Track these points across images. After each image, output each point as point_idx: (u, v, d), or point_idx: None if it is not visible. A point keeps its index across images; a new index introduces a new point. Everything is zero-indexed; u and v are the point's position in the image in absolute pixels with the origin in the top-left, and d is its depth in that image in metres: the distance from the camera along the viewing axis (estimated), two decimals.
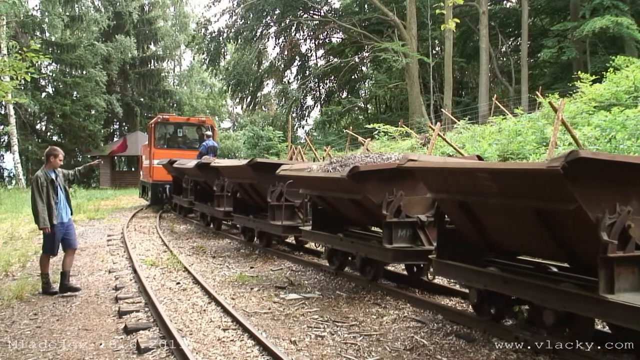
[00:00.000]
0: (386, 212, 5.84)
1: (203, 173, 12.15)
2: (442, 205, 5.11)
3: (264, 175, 8.72)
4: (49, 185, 6.57)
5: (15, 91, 24.55)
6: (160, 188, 17.55)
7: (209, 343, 4.76)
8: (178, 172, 14.67)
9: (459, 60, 30.70)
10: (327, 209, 7.47)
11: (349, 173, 5.83)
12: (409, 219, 5.98)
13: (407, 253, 5.96)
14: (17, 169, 29.01)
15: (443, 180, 4.82)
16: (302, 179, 7.29)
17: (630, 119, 9.42)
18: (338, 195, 6.60)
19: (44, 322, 5.63)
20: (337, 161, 6.82)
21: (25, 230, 13.03)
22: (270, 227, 8.93)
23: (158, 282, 7.37)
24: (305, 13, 35.13)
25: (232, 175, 10.30)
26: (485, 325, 4.97)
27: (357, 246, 6.63)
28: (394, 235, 5.92)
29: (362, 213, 6.63)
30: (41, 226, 6.54)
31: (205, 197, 13.00)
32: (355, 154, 7.02)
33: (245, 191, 10.14)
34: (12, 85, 14.00)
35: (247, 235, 10.62)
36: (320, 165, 7.21)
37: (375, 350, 4.62)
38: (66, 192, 6.87)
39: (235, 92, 39.35)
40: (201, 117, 20.46)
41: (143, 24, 40.54)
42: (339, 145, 25.28)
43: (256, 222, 9.71)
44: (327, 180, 6.52)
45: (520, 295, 4.44)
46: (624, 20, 20.16)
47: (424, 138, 16.60)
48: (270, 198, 8.65)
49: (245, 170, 9.11)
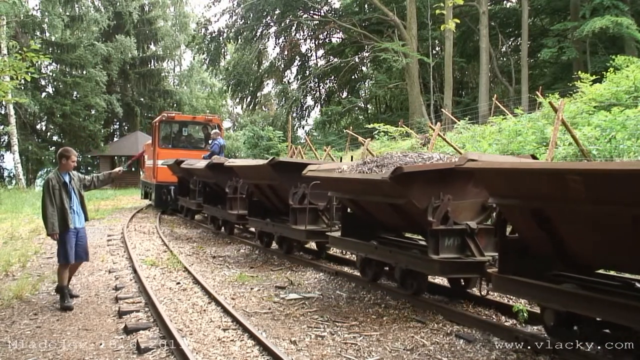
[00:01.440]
0: (432, 218, 5.27)
1: (214, 174, 11.51)
2: (507, 212, 4.50)
3: (286, 175, 8.14)
4: (62, 189, 6.12)
5: (16, 91, 24.57)
6: (164, 189, 16.78)
7: (209, 343, 4.76)
8: (185, 173, 14.01)
9: (459, 60, 30.70)
10: (358, 213, 6.87)
11: (392, 175, 5.20)
12: (458, 226, 5.36)
13: (456, 265, 5.32)
14: (17, 169, 29.00)
15: (513, 184, 4.20)
16: (333, 180, 6.67)
17: (630, 119, 9.41)
18: (375, 199, 6.00)
19: (44, 322, 5.63)
20: (371, 161, 6.25)
21: (25, 230, 13.03)
22: (291, 232, 8.30)
23: (158, 282, 7.37)
24: (305, 13, 35.12)
25: (249, 175, 9.64)
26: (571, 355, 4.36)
27: (396, 256, 5.98)
28: (441, 244, 5.31)
29: (402, 219, 6.04)
30: (49, 232, 6.07)
31: (215, 200, 12.39)
32: (390, 153, 6.36)
33: (262, 193, 9.51)
34: (12, 85, 14.00)
35: (264, 241, 9.94)
36: (351, 165, 6.56)
37: (375, 350, 4.62)
38: (81, 197, 6.38)
39: (235, 92, 39.37)
40: (208, 116, 19.59)
41: (143, 24, 40.54)
42: (339, 145, 25.27)
43: (275, 226, 9.03)
44: (364, 183, 5.89)
45: (616, 319, 3.78)
46: (624, 20, 20.15)
47: (424, 138, 16.60)
48: (292, 200, 8.06)
49: (265, 170, 8.47)
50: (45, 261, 9.21)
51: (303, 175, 7.22)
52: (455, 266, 5.31)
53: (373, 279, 6.80)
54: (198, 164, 12.73)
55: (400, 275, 6.07)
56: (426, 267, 5.53)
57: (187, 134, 18.61)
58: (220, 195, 11.78)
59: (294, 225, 8.12)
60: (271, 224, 9.17)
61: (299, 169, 7.61)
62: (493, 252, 5.25)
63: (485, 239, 5.44)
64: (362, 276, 6.98)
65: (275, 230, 9.02)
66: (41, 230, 13.02)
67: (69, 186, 6.20)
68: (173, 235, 12.71)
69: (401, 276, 6.07)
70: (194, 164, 12.98)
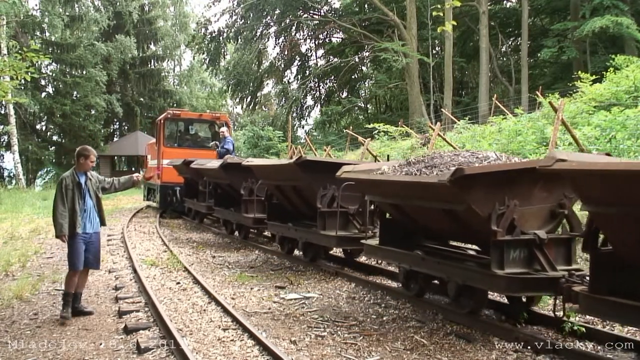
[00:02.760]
0: (496, 227, 4.58)
1: (228, 174, 10.70)
2: (602, 221, 3.88)
3: (314, 176, 7.43)
4: (75, 189, 5.71)
5: (15, 91, 24.55)
6: (169, 191, 15.92)
7: (209, 343, 4.76)
8: (194, 174, 13.20)
9: (459, 60, 30.70)
10: (399, 219, 6.15)
11: (451, 177, 4.48)
12: (525, 236, 4.69)
13: (525, 281, 4.58)
14: (17, 169, 29.00)
15: (618, 188, 3.56)
16: (374, 183, 5.86)
17: (630, 118, 9.42)
18: (426, 204, 5.28)
19: (44, 322, 5.63)
20: (417, 161, 5.56)
21: (25, 230, 13.02)
22: (319, 238, 7.59)
23: (158, 282, 7.37)
24: (305, 13, 35.12)
25: (269, 176, 8.83)
26: None
27: (449, 269, 5.23)
28: (506, 257, 4.63)
29: (456, 227, 5.30)
30: (57, 233, 5.63)
31: (227, 202, 11.59)
32: (439, 152, 5.76)
33: (284, 195, 8.69)
34: (12, 85, 14.00)
35: (285, 247, 9.12)
36: (392, 166, 5.88)
37: (375, 350, 4.62)
38: (97, 200, 5.92)
39: (235, 92, 39.37)
40: (215, 113, 18.53)
41: (143, 24, 40.51)
42: (339, 145, 25.27)
43: (300, 231, 8.23)
44: (414, 186, 5.16)
45: None
46: (624, 20, 20.16)
47: (424, 138, 16.59)
48: (320, 203, 7.36)
49: (290, 170, 7.69)
50: (45, 261, 9.21)
51: (337, 176, 6.47)
52: (524, 283, 4.60)
53: (418, 294, 6.02)
54: (209, 164, 11.93)
55: (455, 292, 5.28)
56: (489, 284, 4.80)
57: (193, 132, 17.71)
58: (234, 198, 11.10)
59: (323, 231, 7.39)
60: (294, 229, 8.39)
61: (328, 169, 7.07)
62: (565, 266, 4.76)
63: (555, 251, 4.83)
64: (405, 290, 6.22)
65: (300, 236, 8.24)
66: (41, 230, 13.03)
67: (84, 187, 5.79)
68: (180, 240, 12.70)
69: (456, 293, 5.28)
70: (205, 164, 12.16)
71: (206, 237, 12.38)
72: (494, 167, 4.78)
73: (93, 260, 5.90)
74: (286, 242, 9.09)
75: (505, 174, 4.68)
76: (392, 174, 5.57)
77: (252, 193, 9.92)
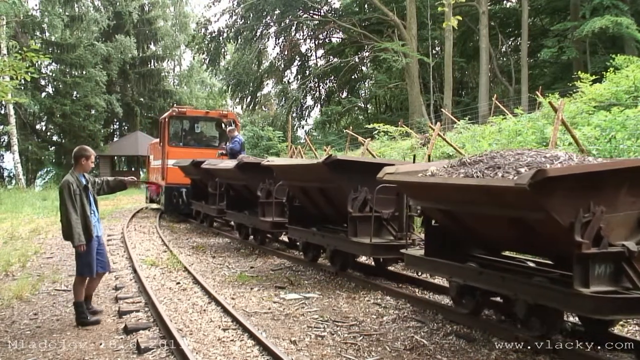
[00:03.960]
0: (581, 238, 3.88)
1: (245, 175, 9.97)
2: None
3: (344, 177, 6.82)
4: (82, 193, 5.43)
5: (15, 91, 24.53)
6: (175, 192, 15.11)
7: (209, 343, 4.76)
8: (204, 175, 12.46)
9: (459, 60, 30.71)
10: (450, 227, 5.37)
11: (531, 180, 3.77)
12: (613, 249, 4.00)
13: (617, 302, 3.85)
14: (17, 169, 29.03)
15: None
16: (425, 186, 5.04)
17: (630, 118, 9.41)
18: (490, 210, 4.54)
19: (44, 322, 5.63)
20: (474, 162, 4.84)
21: (25, 230, 13.03)
22: (350, 246, 6.93)
23: (158, 282, 7.37)
24: (305, 13, 35.14)
25: (292, 177, 8.15)
26: None
27: (516, 286, 4.49)
28: (591, 272, 3.94)
29: (527, 238, 4.54)
30: (76, 243, 5.31)
31: (241, 204, 10.87)
32: (498, 151, 5.00)
33: (308, 197, 8.00)
34: (12, 85, 13.97)
35: (309, 254, 8.38)
36: (441, 167, 5.19)
37: (375, 350, 4.62)
38: (96, 202, 5.73)
39: (235, 92, 39.39)
40: (222, 111, 17.67)
41: (143, 24, 40.52)
42: (339, 145, 25.28)
43: (326, 237, 7.56)
44: (479, 190, 4.40)
45: None
46: (623, 20, 20.17)
47: (424, 138, 16.60)
48: (351, 207, 6.73)
49: (318, 170, 7.01)
50: (45, 261, 9.21)
51: (379, 178, 5.66)
52: (616, 304, 3.84)
53: (474, 312, 5.24)
54: (222, 164, 11.20)
55: (525, 312, 4.53)
56: (570, 304, 4.06)
57: (199, 131, 16.87)
58: (249, 200, 10.46)
59: (354, 238, 6.76)
60: (320, 235, 7.69)
61: (361, 170, 6.58)
62: None
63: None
64: (457, 307, 5.42)
65: (327, 243, 7.53)
66: (41, 230, 13.04)
67: (90, 190, 5.56)
68: (180, 240, 12.70)
69: (526, 314, 4.53)
70: (217, 164, 11.40)
71: (206, 237, 12.38)
72: (582, 167, 4.08)
73: (105, 263, 5.74)
74: (310, 249, 8.32)
75: (595, 176, 3.96)
76: (445, 175, 4.84)
77: (270, 195, 9.27)
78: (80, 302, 5.51)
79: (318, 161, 7.03)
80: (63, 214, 5.38)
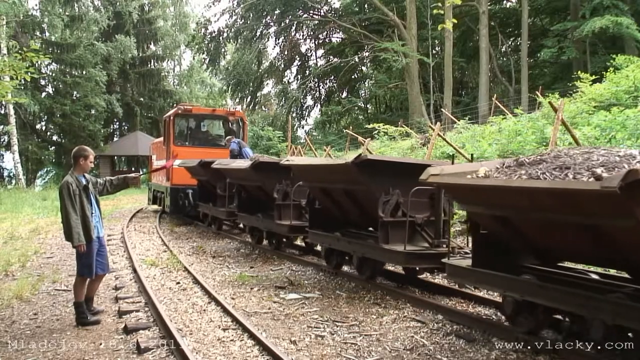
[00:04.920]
0: None
1: (260, 175, 9.28)
2: None
3: (375, 178, 6.24)
4: (82, 193, 5.44)
5: (15, 91, 24.51)
6: (181, 194, 14.39)
7: (208, 343, 4.76)
8: (213, 175, 11.82)
9: (458, 60, 30.71)
10: (502, 234, 4.78)
11: (622, 182, 3.19)
12: None
13: None
14: (17, 169, 29.04)
15: None
16: (477, 189, 4.47)
17: (630, 118, 9.41)
18: (560, 217, 3.91)
19: (43, 322, 5.63)
20: (535, 161, 4.28)
21: (25, 230, 13.03)
22: (381, 254, 6.32)
23: (158, 282, 7.37)
24: (305, 13, 35.15)
25: (314, 177, 7.53)
26: None
27: (589, 303, 3.88)
28: None
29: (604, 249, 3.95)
30: (76, 243, 5.33)
31: (253, 207, 10.28)
32: (562, 149, 4.46)
33: (331, 199, 7.37)
34: (12, 85, 13.98)
35: (332, 261, 7.73)
36: (493, 167, 4.60)
37: (375, 350, 4.62)
38: (98, 202, 5.74)
39: (235, 92, 39.40)
40: (230, 108, 16.75)
41: (143, 24, 40.50)
42: (338, 145, 25.29)
43: (353, 244, 6.92)
44: (550, 194, 3.77)
45: None
46: (623, 20, 20.17)
47: (424, 138, 16.59)
48: (382, 211, 6.14)
49: (345, 171, 6.41)
50: (45, 261, 9.22)
51: (423, 180, 4.98)
52: None
53: (533, 331, 4.62)
54: (234, 163, 10.58)
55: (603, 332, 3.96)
56: None
57: (205, 130, 16.22)
58: (261, 202, 9.94)
59: (386, 245, 6.18)
60: (345, 241, 7.08)
61: (394, 170, 6.10)
62: None
63: None
64: (511, 325, 4.84)
65: (354, 250, 6.91)
66: (41, 230, 13.05)
67: (90, 190, 5.56)
68: (180, 240, 12.69)
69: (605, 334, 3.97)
70: (228, 164, 10.79)
71: (205, 237, 12.38)
72: None
73: (105, 264, 5.75)
74: (335, 256, 7.64)
75: None
76: (503, 177, 4.25)
77: (287, 196, 8.72)
78: (80, 302, 5.54)
79: (346, 161, 6.46)
80: (63, 215, 5.39)
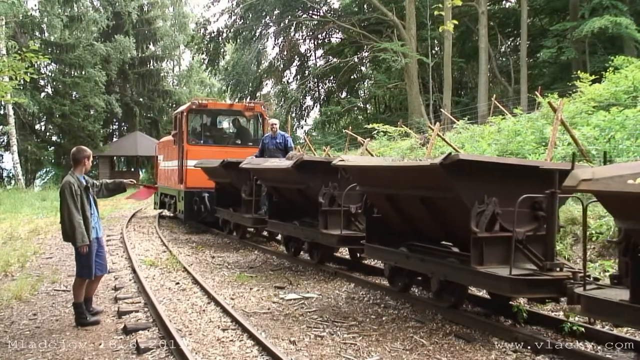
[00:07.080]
0: None
1: (303, 176, 7.82)
2: None
3: (471, 183, 4.88)
4: (83, 194, 5.41)
5: (15, 91, 24.50)
6: (196, 198, 12.63)
7: (208, 343, 4.76)
8: (237, 177, 10.42)
9: (458, 60, 30.70)
10: None
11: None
12: None
13: None
14: (16, 169, 29.02)
15: None
16: None
17: (629, 118, 9.42)
18: None
19: (43, 322, 5.63)
20: None
21: (24, 230, 13.02)
22: (475, 279, 5.00)
23: (157, 282, 7.36)
24: (304, 13, 35.12)
25: (376, 181, 6.15)
26: None
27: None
28: None
29: None
30: (79, 244, 5.29)
31: (289, 213, 8.83)
32: None
33: (396, 207, 6.02)
34: (12, 85, 13.96)
35: (397, 282, 6.42)
36: None
37: (375, 350, 4.62)
38: (96, 203, 5.72)
39: (235, 92, 39.35)
40: (248, 103, 14.62)
41: (142, 24, 40.48)
42: (338, 145, 25.28)
43: (430, 262, 5.53)
44: None
45: None
46: (623, 20, 20.16)
47: (424, 138, 16.59)
48: (476, 225, 4.84)
49: (429, 173, 5.02)
50: (44, 261, 9.21)
51: (568, 187, 3.54)
52: None
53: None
54: (267, 163, 9.01)
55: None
56: None
57: (220, 127, 14.76)
58: (298, 208, 8.66)
59: (480, 267, 4.87)
60: (417, 259, 5.69)
61: (495, 174, 4.91)
62: None
63: None
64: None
65: (432, 270, 5.51)
66: (40, 230, 13.03)
67: (91, 191, 5.54)
68: (179, 240, 12.66)
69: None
70: (261, 163, 9.23)
71: (205, 237, 12.38)
72: None
73: (104, 265, 5.77)
74: (402, 276, 6.32)
75: None
76: None
77: (333, 202, 7.49)
78: (79, 302, 5.54)
79: (432, 162, 4.93)
80: (64, 215, 5.34)
